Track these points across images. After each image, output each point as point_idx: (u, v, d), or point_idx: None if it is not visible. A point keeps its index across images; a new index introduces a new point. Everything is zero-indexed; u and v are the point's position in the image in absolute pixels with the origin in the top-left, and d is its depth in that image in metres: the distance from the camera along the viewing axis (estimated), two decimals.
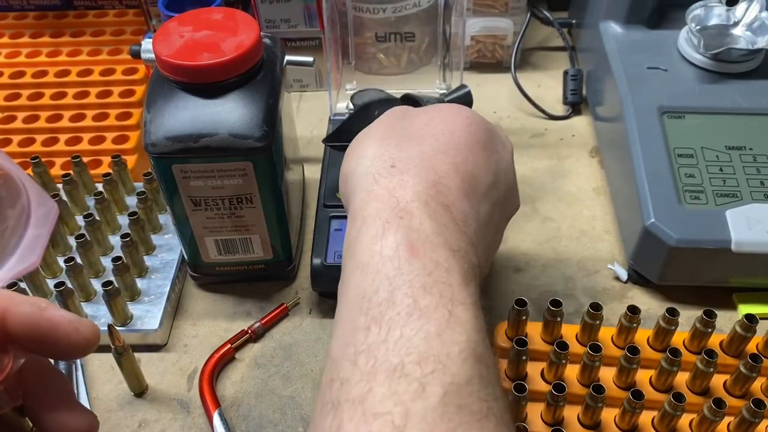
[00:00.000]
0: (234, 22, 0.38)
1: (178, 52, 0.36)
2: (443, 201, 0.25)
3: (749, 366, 0.35)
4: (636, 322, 0.37)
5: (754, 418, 0.33)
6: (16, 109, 0.56)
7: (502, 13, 0.61)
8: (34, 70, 0.59)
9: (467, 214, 0.26)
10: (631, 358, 0.35)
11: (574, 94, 0.59)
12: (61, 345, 0.21)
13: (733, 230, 0.40)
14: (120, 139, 0.53)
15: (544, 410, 0.35)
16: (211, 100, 0.37)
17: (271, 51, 0.40)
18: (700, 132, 0.45)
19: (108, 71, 0.58)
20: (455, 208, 0.26)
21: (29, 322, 0.20)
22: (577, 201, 0.51)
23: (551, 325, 0.38)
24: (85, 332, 0.21)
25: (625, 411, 0.34)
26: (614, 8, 0.53)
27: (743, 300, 0.44)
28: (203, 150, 0.37)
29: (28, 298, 0.21)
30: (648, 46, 0.51)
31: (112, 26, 0.63)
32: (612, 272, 0.46)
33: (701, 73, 0.49)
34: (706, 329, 0.37)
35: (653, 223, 0.41)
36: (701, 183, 0.42)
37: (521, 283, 0.46)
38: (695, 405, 0.35)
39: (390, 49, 0.53)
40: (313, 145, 0.57)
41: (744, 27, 0.50)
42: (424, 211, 0.24)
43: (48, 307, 0.21)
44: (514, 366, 0.36)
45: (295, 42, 0.59)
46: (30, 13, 0.65)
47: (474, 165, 0.28)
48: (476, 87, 0.62)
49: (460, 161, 0.28)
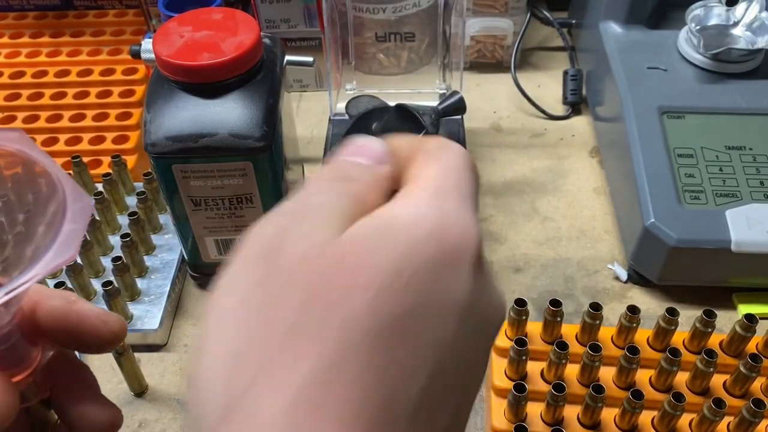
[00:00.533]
0: (234, 22, 0.38)
1: (178, 52, 0.36)
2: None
3: (749, 366, 0.35)
4: (636, 321, 0.37)
5: (753, 418, 0.33)
6: (16, 109, 0.56)
7: (501, 13, 0.61)
8: (34, 70, 0.59)
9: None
10: (631, 358, 0.35)
11: (573, 94, 0.59)
12: (89, 338, 0.21)
13: (733, 230, 0.40)
14: (120, 139, 0.53)
15: (544, 410, 0.35)
16: (211, 100, 0.37)
17: (271, 51, 0.40)
18: (700, 132, 0.45)
19: (108, 71, 0.58)
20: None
21: (59, 316, 0.20)
22: (577, 201, 0.51)
23: (551, 325, 0.38)
24: (113, 326, 0.21)
25: (625, 411, 0.34)
26: (614, 8, 0.53)
27: (743, 300, 0.44)
28: (203, 150, 0.37)
29: (57, 291, 0.21)
30: (648, 46, 0.51)
31: (112, 26, 0.63)
32: (612, 272, 0.46)
33: (701, 73, 0.49)
34: (706, 329, 0.37)
35: (653, 223, 0.41)
36: (701, 183, 0.42)
37: (521, 282, 0.46)
38: (695, 405, 0.35)
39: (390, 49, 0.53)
40: (313, 145, 0.57)
41: (744, 27, 0.50)
42: None
43: (77, 300, 0.21)
44: (514, 366, 0.36)
45: (295, 42, 0.59)
46: (30, 13, 0.65)
47: (388, 373, 0.15)
48: (476, 87, 0.62)
49: (361, 381, 0.15)
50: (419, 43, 0.52)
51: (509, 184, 0.53)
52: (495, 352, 0.38)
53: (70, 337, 0.21)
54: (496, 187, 0.53)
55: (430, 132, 0.48)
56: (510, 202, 0.52)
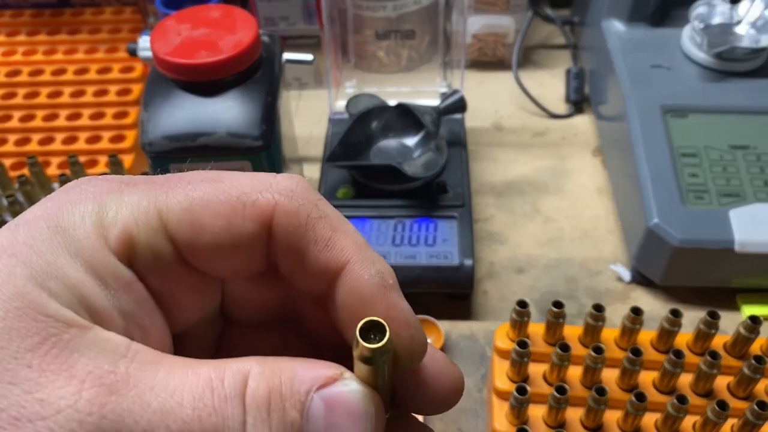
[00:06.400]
0: (232, 20, 0.38)
1: (175, 50, 0.36)
2: None
3: (753, 367, 0.34)
4: (639, 323, 0.37)
5: (757, 420, 0.32)
6: (12, 108, 0.56)
7: (503, 11, 0.60)
8: (30, 68, 0.59)
9: None
10: (634, 360, 0.34)
11: (576, 92, 0.58)
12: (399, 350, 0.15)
13: (737, 230, 0.40)
14: (117, 138, 0.53)
15: (546, 413, 0.35)
16: (209, 99, 0.37)
17: (269, 49, 0.40)
18: (704, 131, 0.45)
19: (105, 69, 0.58)
20: None
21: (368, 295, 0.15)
22: (580, 201, 0.51)
23: (553, 327, 0.37)
24: (419, 347, 0.16)
25: (628, 413, 0.34)
26: (617, 6, 0.53)
27: (747, 301, 0.43)
28: (201, 149, 0.36)
29: (376, 268, 0.16)
30: (651, 44, 0.51)
31: (109, 24, 0.63)
32: (614, 273, 0.46)
33: (705, 72, 0.48)
34: (710, 330, 0.37)
35: (656, 223, 0.41)
36: (705, 183, 0.42)
37: (523, 284, 0.46)
38: (699, 407, 0.35)
39: (390, 48, 0.53)
40: (312, 145, 0.56)
41: (748, 25, 0.50)
42: None
43: (395, 287, 0.16)
44: (516, 368, 0.36)
45: (294, 40, 0.58)
46: (26, 11, 0.65)
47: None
48: (477, 86, 0.61)
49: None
50: (420, 41, 0.52)
51: (511, 184, 0.53)
52: (497, 355, 0.38)
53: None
54: (497, 187, 0.53)
55: (431, 131, 0.48)
56: (511, 201, 0.51)
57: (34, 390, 0.13)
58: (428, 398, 0.16)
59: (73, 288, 0.14)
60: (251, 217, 0.15)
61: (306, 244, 0.16)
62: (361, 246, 0.16)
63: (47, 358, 0.13)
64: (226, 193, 0.16)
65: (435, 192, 0.46)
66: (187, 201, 0.15)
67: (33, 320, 0.13)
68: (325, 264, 0.16)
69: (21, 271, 0.14)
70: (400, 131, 0.49)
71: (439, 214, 0.45)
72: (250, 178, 0.16)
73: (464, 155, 0.49)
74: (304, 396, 0.14)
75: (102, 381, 0.13)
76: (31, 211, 0.15)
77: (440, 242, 0.43)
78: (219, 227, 0.15)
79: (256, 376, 0.14)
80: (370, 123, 0.48)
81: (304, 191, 0.16)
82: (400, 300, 0.16)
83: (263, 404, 0.14)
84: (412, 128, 0.49)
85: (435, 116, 0.48)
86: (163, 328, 0.16)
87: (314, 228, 0.16)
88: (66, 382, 0.13)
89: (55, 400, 0.13)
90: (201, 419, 0.13)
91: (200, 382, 0.14)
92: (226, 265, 0.16)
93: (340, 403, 0.14)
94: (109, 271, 0.15)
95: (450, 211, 0.45)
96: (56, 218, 0.15)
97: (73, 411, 0.13)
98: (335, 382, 0.15)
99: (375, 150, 0.49)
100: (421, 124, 0.48)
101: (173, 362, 0.14)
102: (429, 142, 0.48)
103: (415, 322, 0.16)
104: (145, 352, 0.14)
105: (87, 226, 0.15)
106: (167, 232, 0.15)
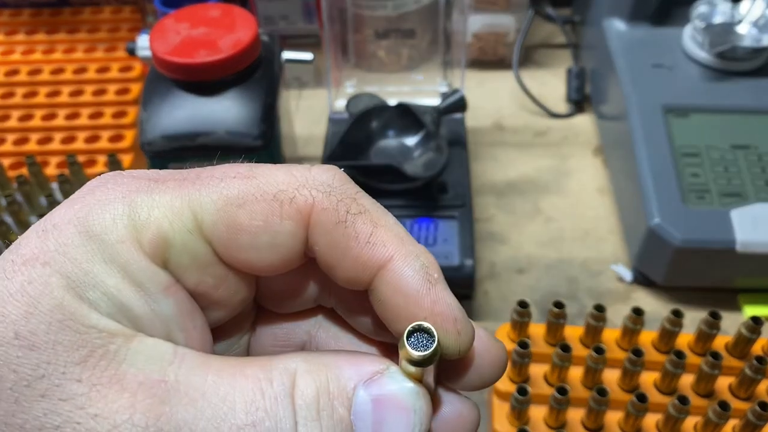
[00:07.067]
0: (231, 19, 0.37)
1: (174, 50, 0.36)
2: None
3: (754, 368, 0.34)
4: (640, 323, 0.37)
5: (759, 421, 0.32)
6: (11, 108, 0.56)
7: (504, 10, 0.60)
8: (28, 68, 0.59)
9: None
10: (636, 360, 0.34)
11: (577, 92, 0.58)
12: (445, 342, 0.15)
13: (738, 230, 0.40)
14: (116, 137, 0.53)
15: (547, 413, 0.35)
16: (208, 98, 0.36)
17: (269, 48, 0.40)
18: (705, 131, 0.45)
19: (103, 69, 0.58)
20: None
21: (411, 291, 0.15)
22: (581, 201, 0.51)
23: (554, 327, 0.37)
24: (465, 340, 0.15)
25: (629, 414, 0.34)
26: (618, 5, 0.52)
27: (748, 301, 0.43)
28: (200, 149, 0.36)
29: (420, 263, 0.15)
30: (652, 43, 0.51)
31: (107, 23, 0.63)
32: (616, 273, 0.45)
33: (706, 71, 0.48)
34: (711, 331, 0.37)
35: (658, 223, 0.40)
36: (706, 183, 0.42)
37: (524, 284, 0.45)
38: (700, 408, 0.34)
39: (390, 47, 0.52)
40: (312, 144, 0.56)
41: (749, 24, 0.49)
42: None
43: (441, 280, 0.15)
44: (517, 368, 0.36)
45: (294, 39, 0.58)
46: (25, 10, 0.65)
47: None
48: (478, 85, 0.61)
49: None
50: (420, 41, 0.52)
51: (512, 184, 0.53)
52: None
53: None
54: (498, 187, 0.52)
55: (431, 131, 0.47)
56: (512, 201, 0.51)
57: (86, 405, 0.13)
58: (473, 376, 0.16)
59: (112, 296, 0.14)
60: (289, 216, 0.15)
61: (346, 241, 0.15)
62: (403, 240, 0.15)
63: (96, 371, 0.13)
64: (262, 191, 0.15)
65: (435, 192, 0.46)
66: (221, 200, 0.15)
67: (77, 332, 0.13)
68: (366, 261, 0.15)
69: (57, 281, 0.13)
70: (401, 131, 0.49)
71: (439, 214, 0.45)
72: (285, 172, 0.16)
73: (465, 155, 0.49)
74: (351, 392, 0.14)
75: (154, 392, 0.13)
76: (59, 214, 0.14)
77: (441, 242, 0.43)
78: (256, 227, 0.15)
79: (303, 374, 0.14)
80: (370, 123, 0.48)
81: (341, 185, 0.16)
82: (446, 294, 0.15)
83: (312, 403, 0.14)
84: (413, 128, 0.48)
85: (435, 116, 0.48)
86: (204, 328, 0.16)
87: (354, 224, 0.15)
88: (118, 395, 0.13)
89: (110, 414, 0.13)
90: (255, 424, 0.13)
91: (249, 384, 0.14)
92: (263, 263, 0.16)
93: (388, 398, 0.14)
94: (146, 276, 0.14)
95: (450, 211, 0.45)
96: (86, 222, 0.14)
97: (129, 426, 0.13)
98: (381, 376, 0.14)
99: (375, 150, 0.48)
100: (421, 124, 0.48)
101: (220, 364, 0.14)
102: (429, 141, 0.47)
103: (462, 315, 0.15)
104: (192, 356, 0.14)
105: (120, 230, 0.14)
106: (202, 232, 0.15)
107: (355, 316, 0.18)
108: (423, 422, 0.15)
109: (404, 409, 0.14)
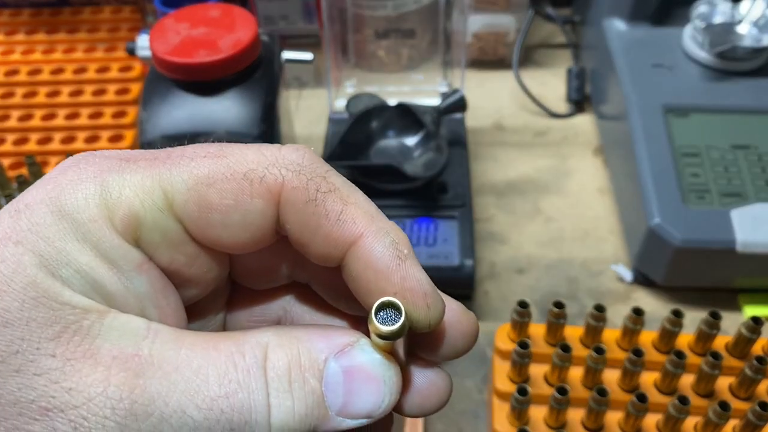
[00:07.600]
0: (231, 19, 0.37)
1: (174, 50, 0.36)
2: None
3: (755, 368, 0.34)
4: (640, 323, 0.37)
5: (759, 421, 0.32)
6: (11, 108, 0.56)
7: (504, 10, 0.60)
8: (28, 68, 0.59)
9: None
10: (636, 361, 0.34)
11: (577, 92, 0.58)
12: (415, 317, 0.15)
13: (739, 230, 0.40)
14: (115, 138, 0.53)
15: (547, 414, 0.35)
16: (208, 98, 0.36)
17: (269, 48, 0.40)
18: (706, 131, 0.44)
19: (103, 69, 0.58)
20: None
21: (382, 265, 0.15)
22: (581, 201, 0.51)
23: (554, 327, 0.37)
24: (435, 314, 0.15)
25: (630, 414, 0.34)
26: (618, 5, 0.52)
27: (749, 301, 0.43)
28: None
29: (390, 235, 0.15)
30: (652, 43, 0.51)
31: (107, 23, 0.63)
32: (616, 273, 0.45)
33: (706, 71, 0.48)
34: (711, 331, 0.36)
35: (658, 223, 0.40)
36: (706, 183, 0.42)
37: (524, 284, 0.45)
38: (700, 408, 0.34)
39: (390, 47, 0.52)
40: (312, 144, 0.56)
41: (749, 24, 0.49)
42: None
43: (411, 256, 0.15)
44: (517, 369, 0.36)
45: (294, 39, 0.58)
46: (25, 10, 0.64)
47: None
48: (478, 85, 0.61)
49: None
50: (420, 41, 0.52)
51: (512, 184, 0.53)
52: (497, 355, 0.38)
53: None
54: (498, 187, 0.52)
55: (431, 131, 0.47)
56: (512, 201, 0.51)
57: (61, 379, 0.13)
58: (447, 347, 0.16)
59: (85, 274, 0.14)
60: (259, 194, 0.15)
61: (317, 219, 0.15)
62: (373, 216, 0.16)
63: (70, 346, 0.13)
64: (232, 170, 0.15)
65: (435, 192, 0.46)
66: (192, 179, 0.15)
67: (50, 309, 0.13)
68: (337, 238, 0.15)
69: (30, 259, 0.13)
70: (401, 131, 0.49)
71: (439, 214, 0.45)
72: (255, 152, 0.16)
73: (465, 155, 0.49)
74: (322, 364, 0.14)
75: (127, 365, 0.13)
76: (30, 194, 0.15)
77: (441, 242, 0.43)
78: (226, 206, 0.15)
79: (275, 347, 0.14)
80: (370, 122, 0.48)
81: (311, 164, 0.16)
82: (415, 270, 0.15)
83: (284, 375, 0.14)
84: (413, 128, 0.48)
85: (435, 116, 0.48)
86: (177, 304, 0.16)
87: (324, 202, 0.15)
88: (92, 369, 0.13)
89: (84, 388, 0.13)
90: (228, 395, 0.13)
91: (222, 357, 0.14)
92: (235, 241, 0.16)
93: (359, 369, 0.15)
94: (118, 254, 0.14)
95: (450, 211, 0.45)
96: (59, 201, 0.14)
97: (104, 398, 0.13)
98: (351, 348, 0.15)
99: (375, 150, 0.48)
100: (421, 124, 0.48)
101: (194, 339, 0.14)
102: (429, 141, 0.47)
103: (431, 290, 0.15)
104: (165, 331, 0.14)
105: (92, 209, 0.14)
106: (173, 211, 0.15)
107: (329, 291, 0.18)
108: (393, 392, 0.15)
109: (374, 379, 0.15)
